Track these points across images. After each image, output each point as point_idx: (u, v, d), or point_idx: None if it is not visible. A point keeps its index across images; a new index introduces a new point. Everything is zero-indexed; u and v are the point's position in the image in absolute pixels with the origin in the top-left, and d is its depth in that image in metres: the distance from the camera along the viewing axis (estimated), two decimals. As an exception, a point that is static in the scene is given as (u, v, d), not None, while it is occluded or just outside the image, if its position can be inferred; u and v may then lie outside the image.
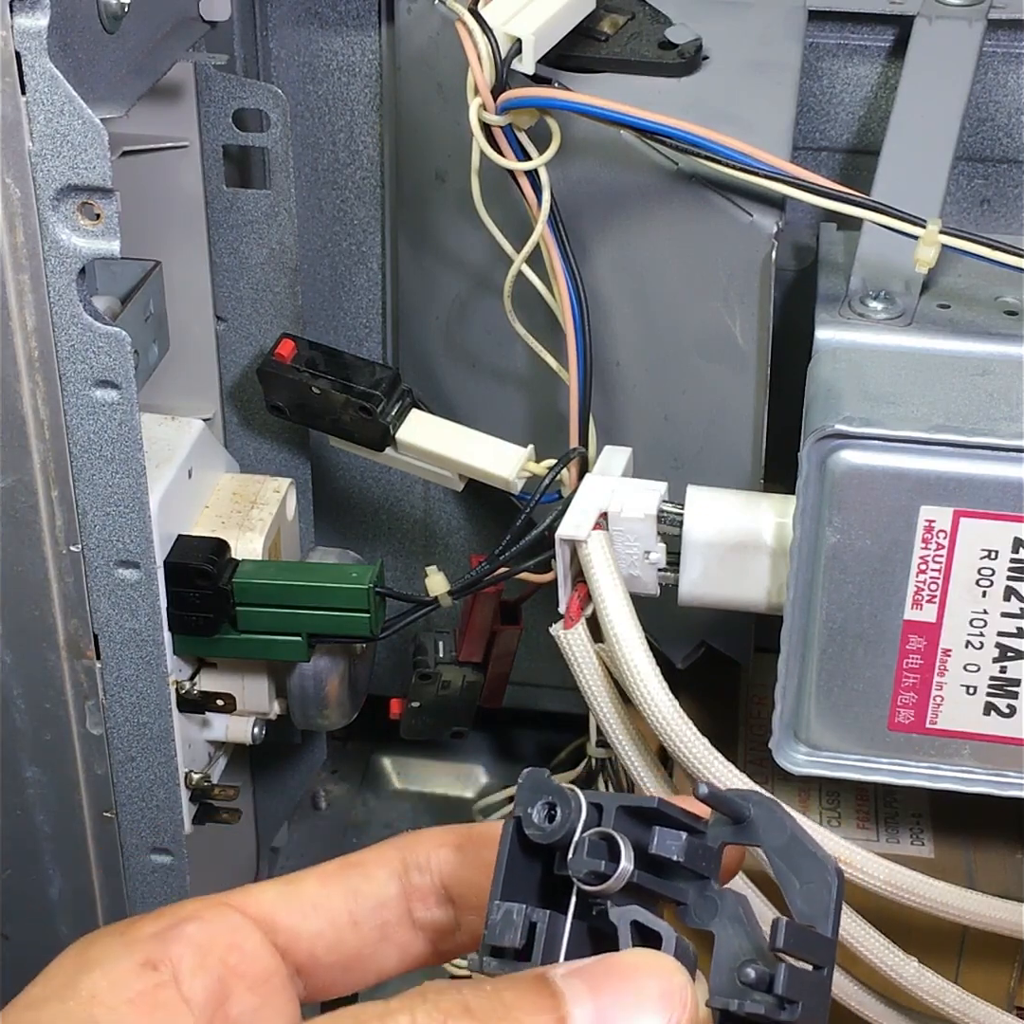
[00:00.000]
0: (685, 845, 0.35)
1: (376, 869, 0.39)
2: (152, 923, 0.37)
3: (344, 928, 0.39)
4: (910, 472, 0.51)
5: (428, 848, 0.40)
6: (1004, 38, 0.65)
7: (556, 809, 0.35)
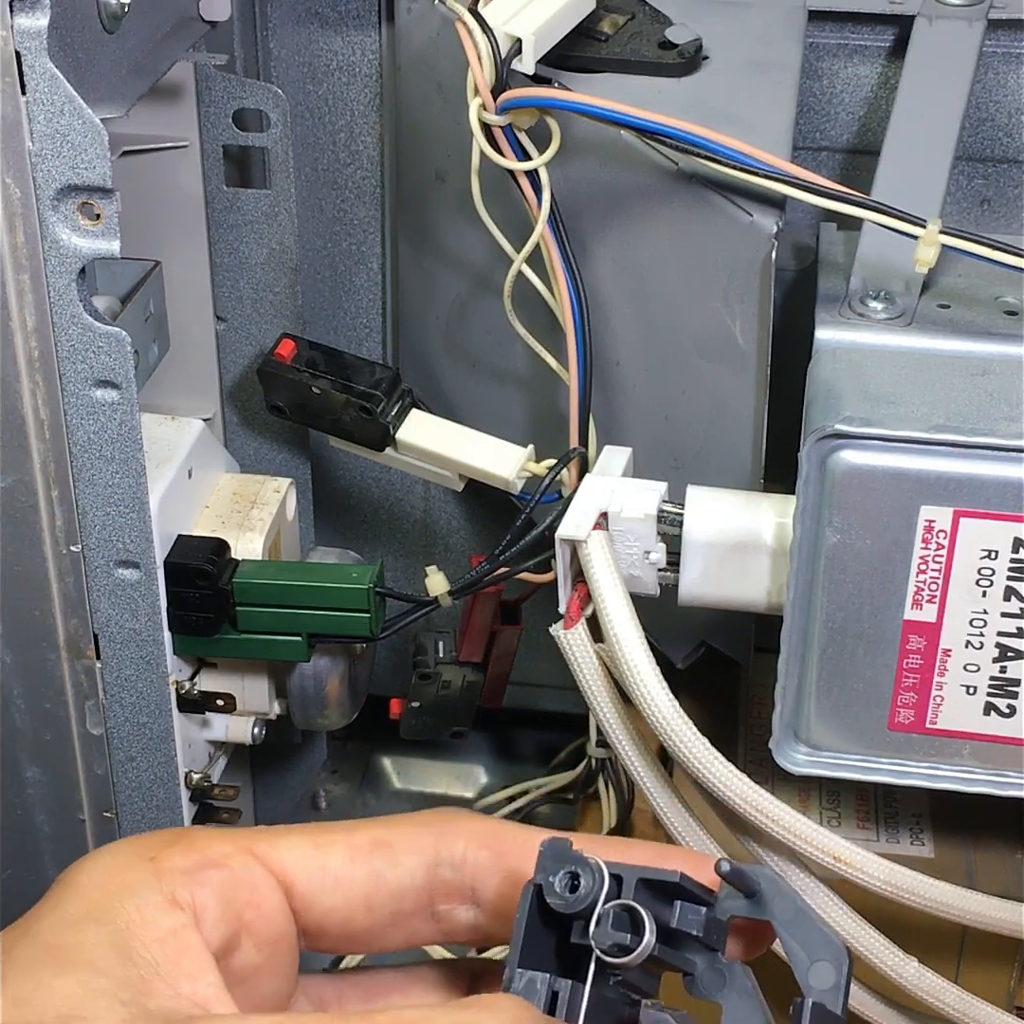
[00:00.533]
0: (704, 920, 0.36)
1: (406, 855, 0.38)
2: (182, 856, 0.37)
3: (358, 909, 0.38)
4: (910, 472, 0.51)
5: (466, 846, 0.39)
6: (1004, 38, 0.65)
7: (579, 879, 0.35)
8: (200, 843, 0.38)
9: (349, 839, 0.39)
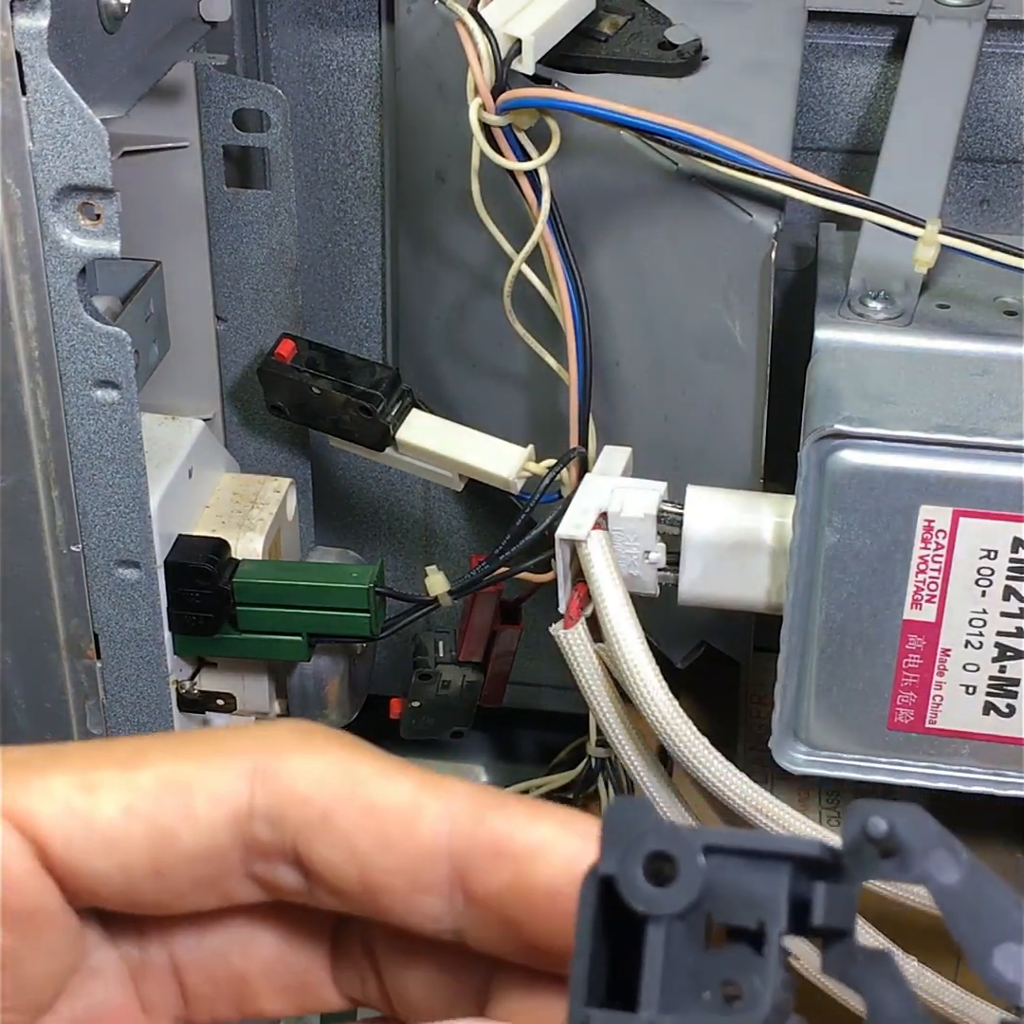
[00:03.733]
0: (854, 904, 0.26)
1: (208, 805, 0.28)
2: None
3: (142, 879, 0.29)
4: (909, 472, 0.51)
5: (290, 800, 0.28)
6: (1003, 38, 0.65)
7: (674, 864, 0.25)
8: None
9: (130, 778, 0.29)
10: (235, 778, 0.28)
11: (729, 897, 0.25)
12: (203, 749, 0.29)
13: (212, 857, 0.29)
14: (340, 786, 0.28)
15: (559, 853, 0.28)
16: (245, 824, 0.28)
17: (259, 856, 0.29)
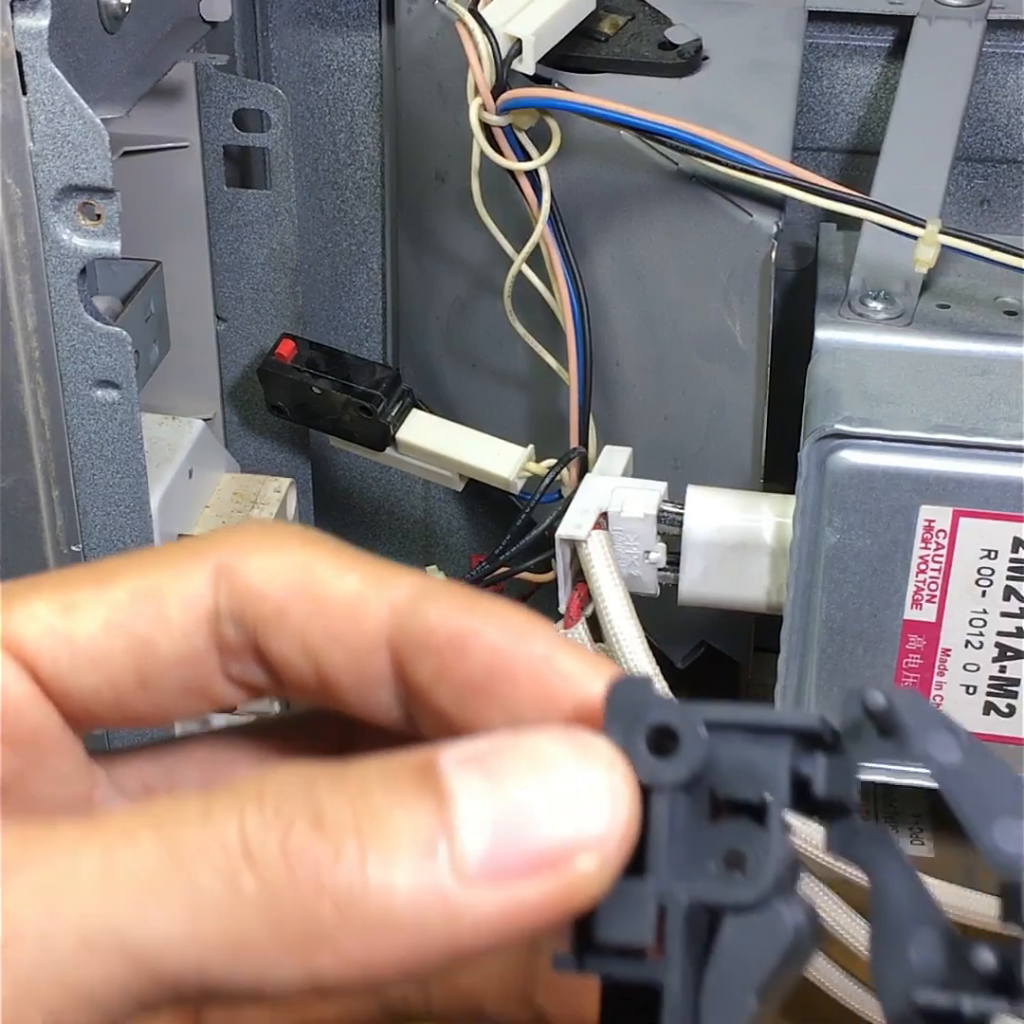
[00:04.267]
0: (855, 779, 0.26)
1: (177, 613, 0.29)
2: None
3: (129, 690, 0.29)
4: (910, 472, 0.51)
5: (247, 597, 0.29)
6: (1004, 38, 0.65)
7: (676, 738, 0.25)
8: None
9: (105, 595, 0.29)
10: (202, 581, 0.29)
11: (731, 771, 0.26)
12: (171, 557, 0.29)
13: (192, 661, 0.29)
14: (293, 580, 0.29)
15: (484, 644, 0.27)
16: (215, 625, 0.29)
17: (231, 656, 0.29)
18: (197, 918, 0.23)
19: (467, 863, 0.23)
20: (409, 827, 0.23)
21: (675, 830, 0.25)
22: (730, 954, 0.25)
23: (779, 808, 0.25)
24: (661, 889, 0.25)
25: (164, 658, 0.29)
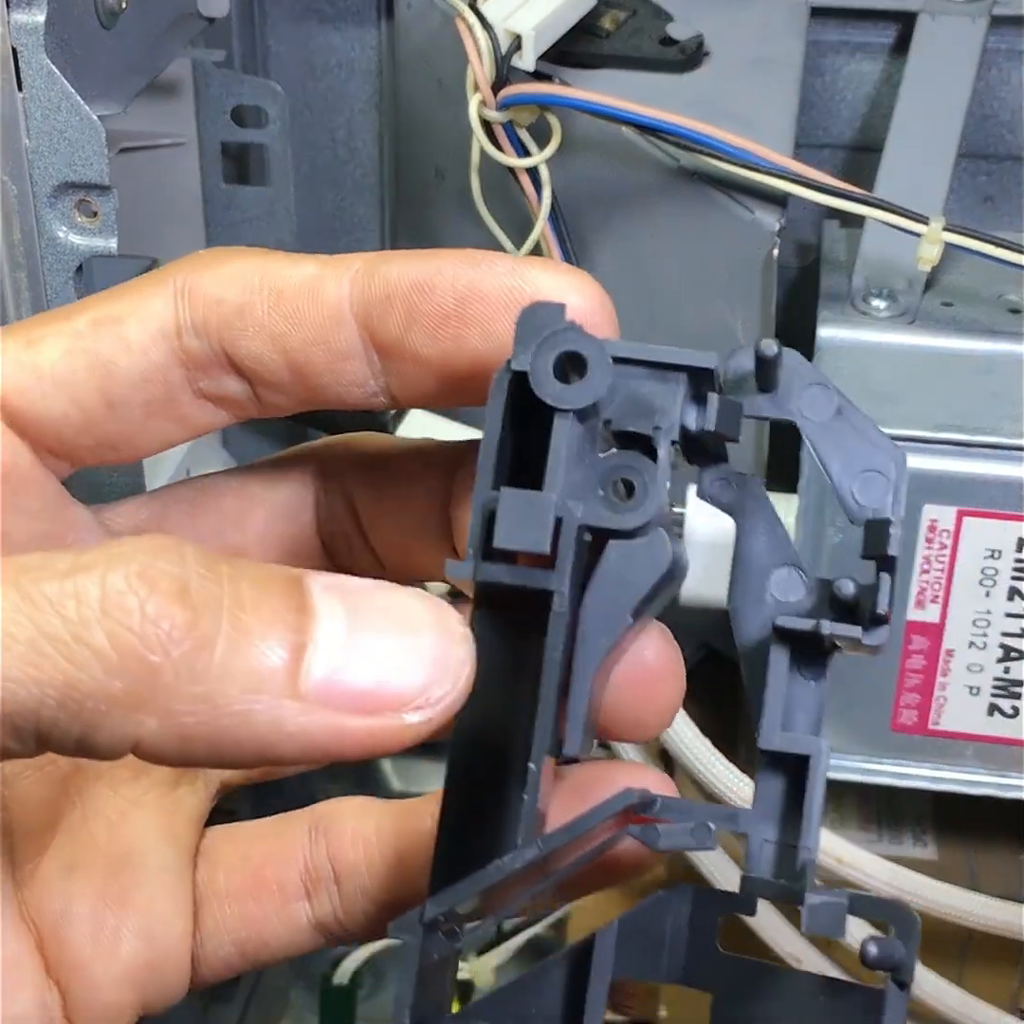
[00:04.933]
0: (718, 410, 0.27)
1: (135, 332, 0.30)
2: None
3: (95, 409, 0.30)
4: (913, 471, 0.51)
5: (208, 304, 0.30)
6: (1007, 34, 0.65)
7: (583, 364, 0.26)
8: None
9: (66, 326, 0.30)
10: (159, 301, 0.30)
11: (627, 405, 0.27)
12: (131, 287, 0.30)
13: (153, 378, 0.30)
14: (251, 280, 0.29)
15: (448, 277, 0.29)
16: (175, 341, 0.30)
17: (199, 370, 0.30)
18: (36, 662, 0.23)
19: (309, 679, 0.24)
20: (267, 626, 0.24)
21: (572, 456, 0.26)
22: (612, 574, 0.26)
23: (668, 439, 0.27)
24: (558, 503, 0.26)
25: (125, 376, 0.30)
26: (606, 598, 0.26)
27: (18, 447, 0.30)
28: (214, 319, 0.30)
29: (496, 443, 0.27)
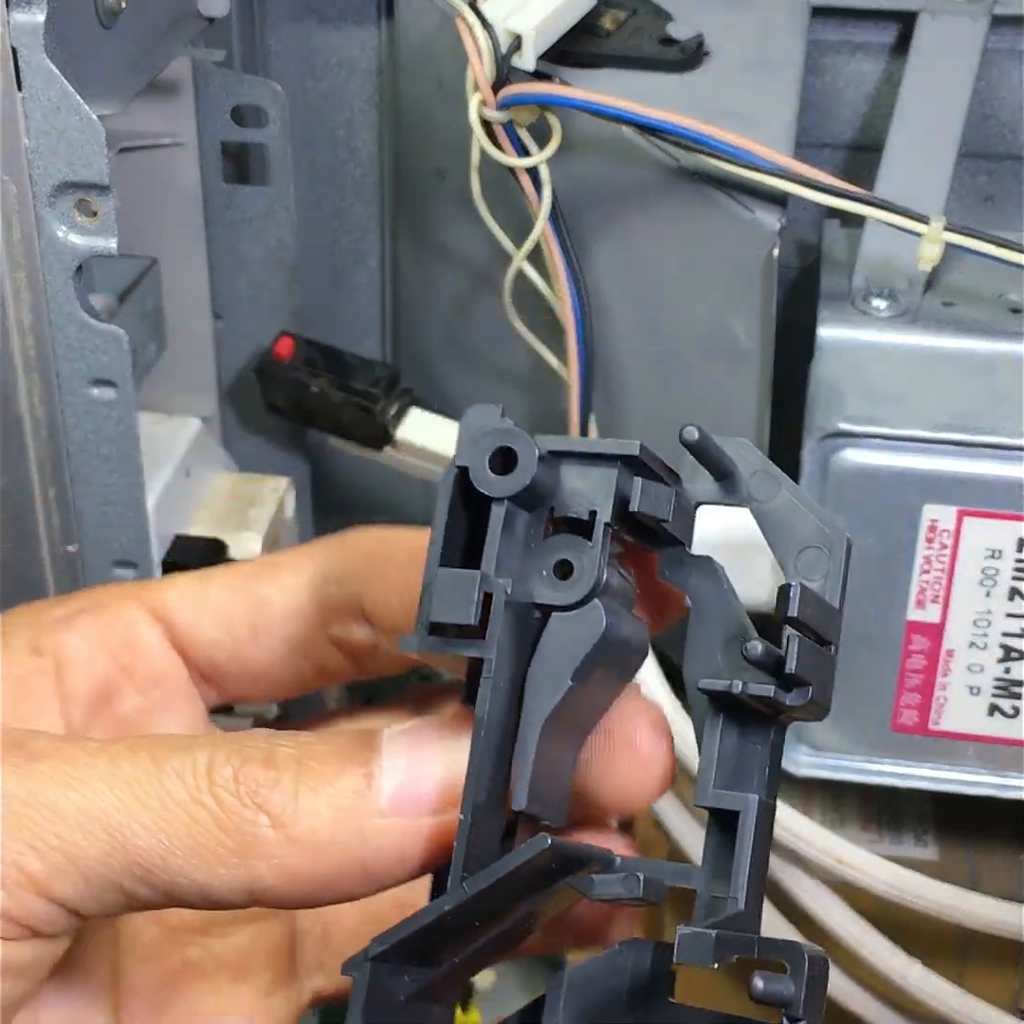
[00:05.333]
0: (674, 503, 0.30)
1: (290, 576, 0.36)
2: (60, 607, 0.36)
3: (244, 639, 0.36)
4: (913, 471, 0.51)
5: (350, 556, 0.36)
6: (1008, 34, 0.65)
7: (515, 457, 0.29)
8: (85, 594, 0.37)
9: (231, 570, 0.37)
10: (310, 553, 0.36)
11: (567, 493, 0.29)
12: (296, 547, 0.37)
13: (297, 617, 0.36)
14: (388, 545, 0.35)
15: None
16: (321, 588, 0.36)
17: (334, 614, 0.36)
18: (165, 816, 0.29)
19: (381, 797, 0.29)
20: (339, 769, 0.29)
21: (513, 539, 0.29)
22: (552, 644, 0.29)
23: (603, 520, 0.29)
24: (487, 579, 0.28)
25: (273, 610, 0.36)
26: (547, 664, 0.29)
27: (175, 661, 0.36)
28: (355, 569, 0.35)
29: (443, 529, 0.29)
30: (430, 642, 0.29)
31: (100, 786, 0.29)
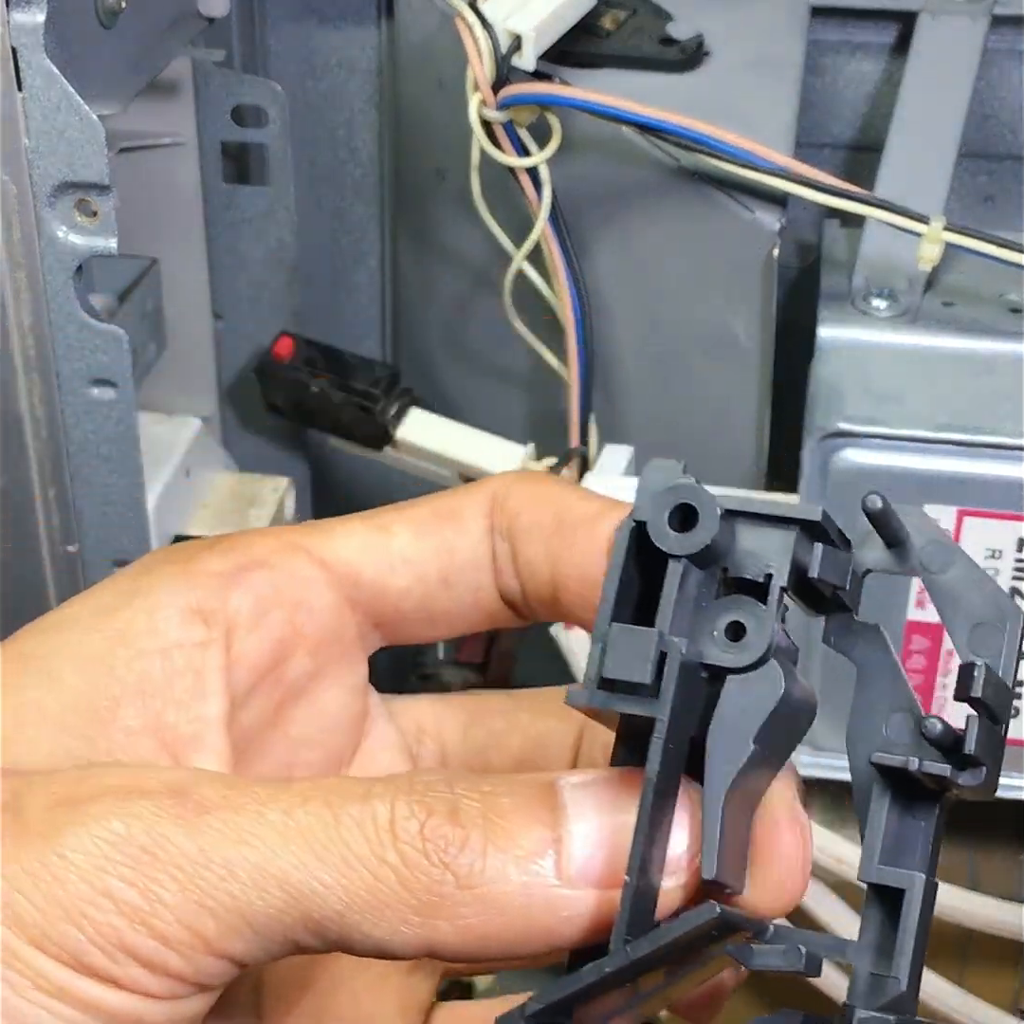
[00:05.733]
0: (851, 571, 0.30)
1: (472, 523, 0.34)
2: (219, 558, 0.33)
3: (434, 586, 0.34)
4: (913, 471, 0.51)
5: (512, 515, 0.34)
6: (1007, 34, 0.65)
7: (696, 517, 0.28)
8: (241, 543, 0.33)
9: (409, 515, 0.35)
10: (484, 502, 0.34)
11: (742, 554, 0.29)
12: (460, 489, 0.35)
13: (480, 566, 0.34)
14: (544, 502, 0.34)
15: None
16: (490, 537, 0.34)
17: (499, 568, 0.34)
18: (346, 874, 0.28)
19: (571, 865, 0.28)
20: (526, 829, 0.28)
21: (685, 597, 0.29)
22: (731, 706, 0.28)
23: (779, 586, 0.29)
24: (663, 638, 0.28)
25: (463, 559, 0.34)
26: (728, 728, 0.28)
27: (349, 620, 0.34)
28: (514, 526, 0.34)
29: (616, 583, 0.29)
30: (601, 698, 0.28)
31: (275, 840, 0.28)
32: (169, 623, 0.32)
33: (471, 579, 0.34)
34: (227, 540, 0.33)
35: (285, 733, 0.34)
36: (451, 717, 0.38)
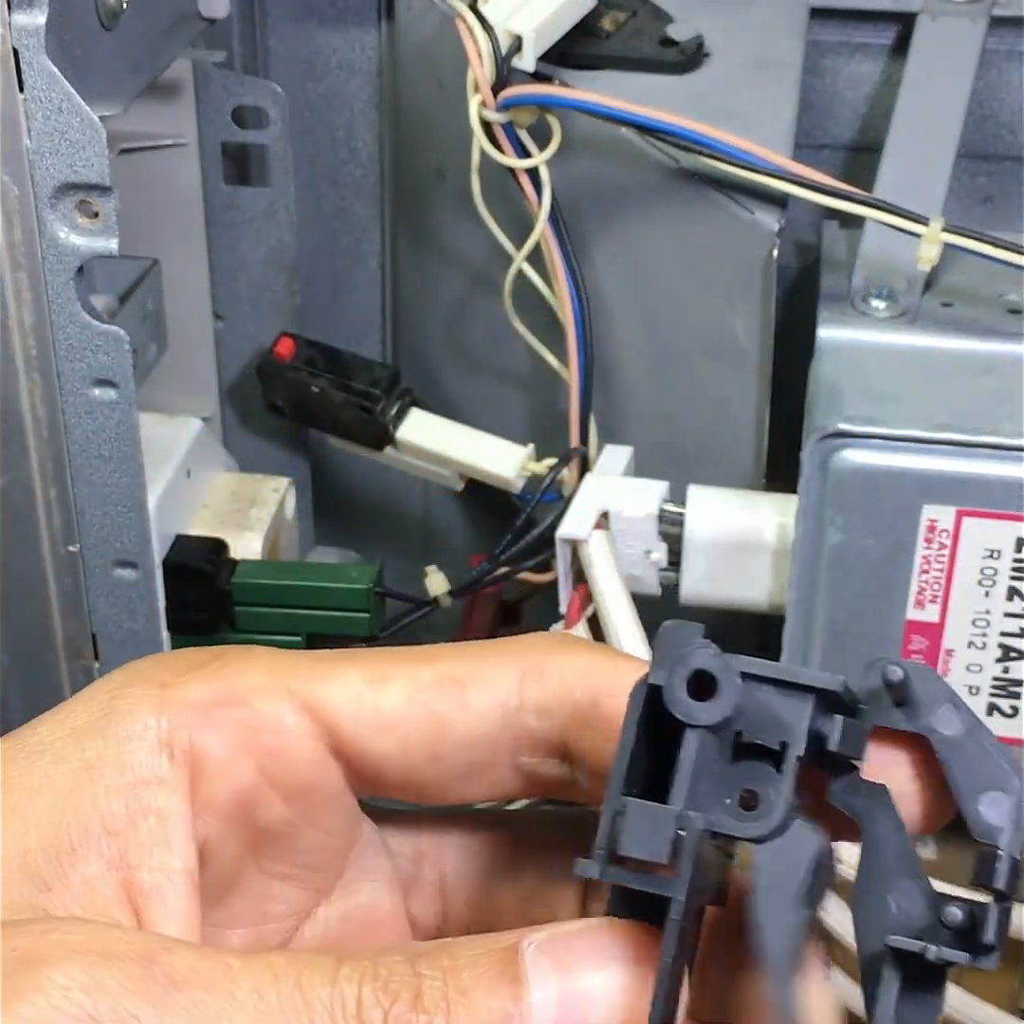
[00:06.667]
0: (865, 741, 0.29)
1: (479, 696, 0.32)
2: (200, 686, 0.32)
3: (419, 758, 0.32)
4: (913, 471, 0.51)
5: (558, 687, 0.32)
6: (1007, 35, 0.65)
7: (715, 682, 0.28)
8: (231, 671, 0.32)
9: (413, 674, 0.32)
10: (506, 675, 0.32)
11: (757, 718, 0.28)
12: (479, 653, 0.33)
13: (482, 744, 0.32)
14: (605, 677, 0.32)
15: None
16: (514, 717, 0.32)
17: (528, 746, 0.32)
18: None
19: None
20: (488, 1008, 0.28)
21: (701, 765, 0.28)
22: (765, 879, 0.28)
23: (795, 756, 0.28)
24: (680, 815, 0.27)
25: (456, 734, 0.32)
26: (771, 897, 0.28)
27: (328, 771, 0.33)
28: (563, 706, 0.32)
29: (629, 752, 0.28)
30: (612, 874, 0.28)
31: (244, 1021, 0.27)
32: (135, 757, 0.31)
33: (465, 757, 0.33)
34: (219, 661, 0.32)
35: (260, 868, 0.33)
36: (453, 843, 0.36)
